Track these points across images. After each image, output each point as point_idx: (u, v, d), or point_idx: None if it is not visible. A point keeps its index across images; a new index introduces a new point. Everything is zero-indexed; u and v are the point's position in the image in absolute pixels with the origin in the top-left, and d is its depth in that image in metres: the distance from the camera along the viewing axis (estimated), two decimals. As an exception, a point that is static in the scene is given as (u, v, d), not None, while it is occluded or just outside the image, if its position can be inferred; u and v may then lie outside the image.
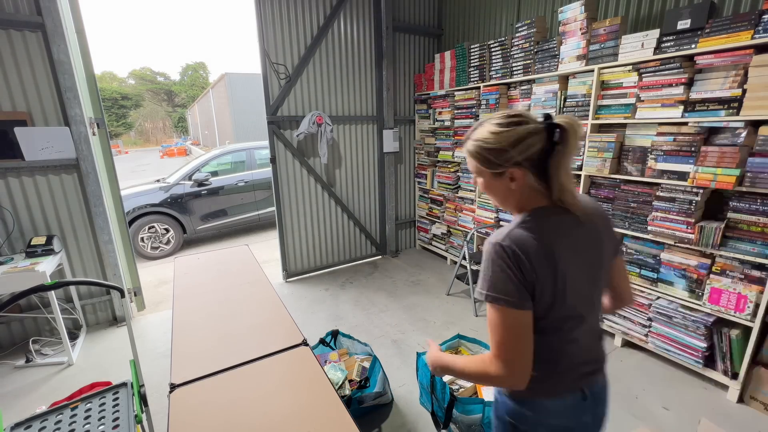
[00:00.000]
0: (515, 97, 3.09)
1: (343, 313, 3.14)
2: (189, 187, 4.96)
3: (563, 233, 0.82)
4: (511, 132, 0.80)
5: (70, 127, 2.61)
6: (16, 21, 2.38)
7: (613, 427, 1.90)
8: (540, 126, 0.80)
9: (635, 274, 2.42)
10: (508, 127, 0.81)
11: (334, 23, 3.55)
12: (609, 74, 2.39)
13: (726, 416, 1.97)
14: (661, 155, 2.17)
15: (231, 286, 1.91)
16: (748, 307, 1.93)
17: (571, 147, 0.80)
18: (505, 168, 0.83)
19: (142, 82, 50.48)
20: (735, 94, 1.88)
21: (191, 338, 1.46)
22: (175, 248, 4.93)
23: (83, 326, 2.91)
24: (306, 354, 1.34)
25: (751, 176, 1.85)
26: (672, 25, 2.05)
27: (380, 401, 2.05)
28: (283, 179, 3.59)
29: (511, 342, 0.78)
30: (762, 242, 1.88)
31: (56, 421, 1.30)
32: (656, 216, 2.23)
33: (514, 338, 0.78)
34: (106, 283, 1.51)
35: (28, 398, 2.19)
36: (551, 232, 0.81)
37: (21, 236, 2.64)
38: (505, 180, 0.85)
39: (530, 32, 2.83)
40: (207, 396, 1.15)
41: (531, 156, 0.81)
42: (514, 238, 0.78)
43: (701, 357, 2.13)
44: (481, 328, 2.85)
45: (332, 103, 3.73)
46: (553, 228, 0.82)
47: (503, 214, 3.32)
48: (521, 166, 0.82)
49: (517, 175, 0.82)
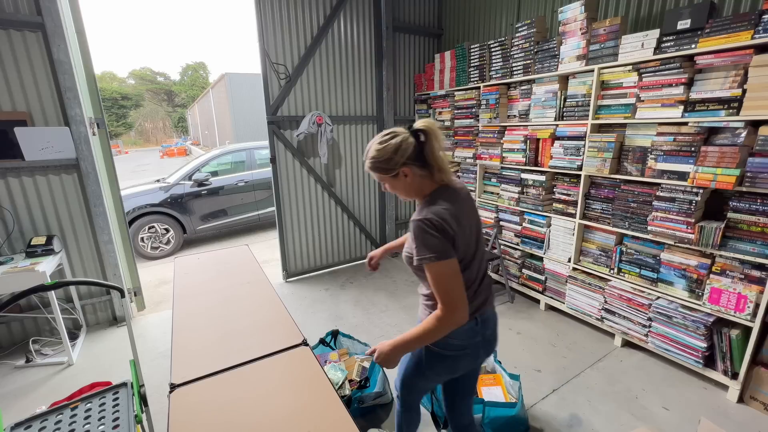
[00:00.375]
0: (515, 97, 3.10)
1: (343, 313, 3.14)
2: (189, 187, 4.96)
3: (458, 201, 1.14)
4: (388, 146, 1.11)
5: (70, 127, 2.61)
6: (16, 21, 2.38)
7: (613, 427, 1.91)
8: (407, 134, 1.12)
9: (635, 274, 2.43)
10: (386, 143, 1.12)
11: (334, 23, 3.55)
12: (609, 74, 2.39)
13: (726, 416, 1.97)
14: (661, 155, 2.17)
15: (231, 286, 1.91)
16: (748, 307, 1.93)
17: (435, 140, 1.12)
18: (396, 170, 1.13)
19: (142, 82, 50.48)
20: (735, 94, 1.88)
21: (191, 338, 1.46)
22: (175, 248, 4.93)
23: (83, 326, 2.91)
24: (306, 354, 1.34)
25: (751, 176, 1.85)
26: (672, 25, 2.05)
27: (380, 401, 2.05)
28: (283, 179, 3.59)
29: (451, 284, 1.05)
30: (762, 242, 1.88)
31: (56, 421, 1.30)
32: (656, 216, 2.23)
33: (454, 280, 1.06)
34: (106, 283, 1.51)
35: (28, 398, 2.19)
36: (451, 202, 1.11)
37: (21, 236, 2.64)
38: (401, 178, 1.15)
39: (530, 32, 2.83)
40: (207, 396, 1.15)
41: (410, 155, 1.11)
42: (433, 212, 1.07)
43: (701, 357, 2.13)
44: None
45: (332, 103, 3.73)
46: (451, 199, 1.13)
47: (503, 214, 3.33)
48: (406, 165, 1.12)
49: (407, 171, 1.13)
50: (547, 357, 2.49)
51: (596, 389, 2.18)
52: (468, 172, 3.68)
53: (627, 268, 2.47)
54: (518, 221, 3.19)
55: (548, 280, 3.04)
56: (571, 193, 2.74)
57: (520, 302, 3.25)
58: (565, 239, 2.84)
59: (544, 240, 2.98)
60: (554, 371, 2.34)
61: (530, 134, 2.92)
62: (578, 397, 2.13)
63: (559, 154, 2.75)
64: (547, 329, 2.82)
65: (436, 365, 1.22)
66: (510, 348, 2.59)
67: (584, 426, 1.92)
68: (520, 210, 3.15)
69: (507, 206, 3.27)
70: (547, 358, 2.47)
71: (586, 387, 2.20)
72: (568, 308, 2.89)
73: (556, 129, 2.76)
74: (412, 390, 1.35)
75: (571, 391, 2.17)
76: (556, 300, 3.01)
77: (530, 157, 2.97)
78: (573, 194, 2.73)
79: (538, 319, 2.97)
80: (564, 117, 2.71)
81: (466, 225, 1.12)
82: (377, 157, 1.13)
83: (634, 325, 2.44)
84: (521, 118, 3.08)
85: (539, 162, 2.94)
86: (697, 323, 2.12)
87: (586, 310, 2.75)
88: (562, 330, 2.81)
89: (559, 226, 2.87)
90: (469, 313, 1.11)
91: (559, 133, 2.74)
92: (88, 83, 2.79)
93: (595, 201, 2.60)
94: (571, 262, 2.80)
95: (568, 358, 2.48)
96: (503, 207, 3.32)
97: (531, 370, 2.36)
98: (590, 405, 2.06)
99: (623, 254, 2.48)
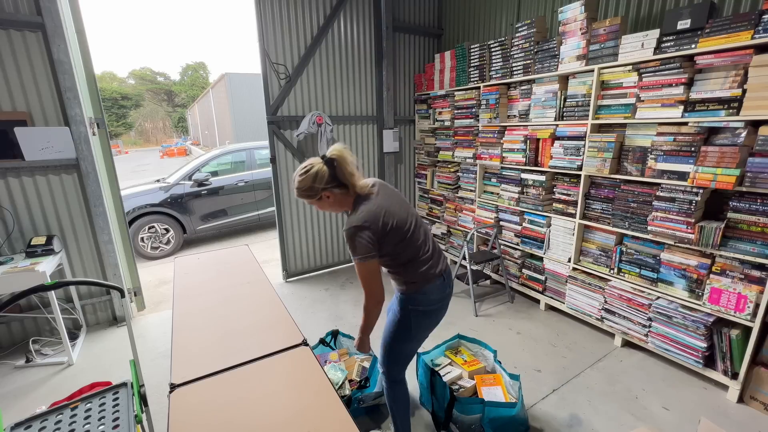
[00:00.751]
0: (515, 97, 3.10)
1: (343, 313, 3.14)
2: (189, 187, 4.96)
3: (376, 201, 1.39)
4: (307, 176, 1.36)
5: (70, 127, 2.61)
6: (16, 21, 2.38)
7: (613, 427, 1.91)
8: (321, 164, 1.37)
9: (635, 274, 2.43)
10: (305, 174, 1.37)
11: (334, 23, 3.55)
12: (609, 74, 2.39)
13: (726, 416, 1.97)
14: (661, 155, 2.17)
15: (231, 286, 1.91)
16: (748, 307, 1.93)
17: (345, 164, 1.37)
18: (319, 194, 1.38)
19: (142, 82, 50.45)
20: (735, 94, 1.88)
21: (191, 338, 1.46)
22: (175, 248, 4.93)
23: (83, 326, 2.91)
24: (306, 354, 1.34)
25: (751, 176, 1.85)
26: (672, 25, 2.05)
27: (380, 401, 2.05)
28: (283, 179, 3.59)
29: (369, 279, 1.38)
30: (762, 242, 1.88)
31: (56, 421, 1.30)
32: (656, 216, 2.23)
33: (372, 276, 1.38)
34: (106, 283, 1.51)
35: (28, 398, 2.19)
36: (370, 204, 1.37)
37: (21, 236, 2.64)
38: (324, 199, 1.41)
39: (530, 32, 2.83)
40: (207, 396, 1.15)
41: (327, 180, 1.36)
42: (356, 219, 1.33)
43: (701, 357, 2.13)
44: (481, 328, 2.85)
45: (332, 103, 3.73)
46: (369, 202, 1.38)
47: (503, 214, 3.33)
48: (326, 189, 1.38)
49: (327, 193, 1.39)
50: (547, 357, 2.49)
51: (596, 389, 2.18)
52: (468, 172, 3.68)
53: (627, 268, 2.47)
54: (518, 221, 3.19)
55: (548, 280, 3.04)
56: (571, 193, 2.74)
57: (520, 302, 3.25)
58: (565, 239, 2.84)
59: (544, 240, 2.98)
60: (554, 371, 2.34)
61: (530, 134, 2.92)
62: (578, 397, 2.13)
63: (559, 154, 2.75)
64: (547, 329, 2.82)
65: (422, 323, 1.52)
66: (510, 348, 2.60)
67: (584, 426, 1.92)
68: (520, 210, 3.15)
69: (507, 206, 3.27)
70: (547, 358, 2.47)
71: (586, 387, 2.20)
72: (568, 308, 2.89)
73: (556, 129, 2.76)
74: (399, 359, 1.57)
75: (571, 391, 2.17)
76: (556, 300, 3.01)
77: (530, 157, 2.97)
78: (573, 194, 2.73)
79: (538, 319, 2.97)
80: (564, 117, 2.71)
81: (395, 211, 1.40)
82: (301, 187, 1.38)
83: (634, 325, 2.44)
84: (521, 118, 3.08)
85: (539, 162, 2.94)
86: (697, 323, 2.12)
87: (586, 310, 2.75)
88: (562, 330, 2.81)
89: (559, 226, 2.87)
90: (436, 272, 1.47)
91: (559, 133, 2.74)
92: (88, 83, 2.79)
93: (595, 201, 2.60)
94: (571, 262, 2.80)
95: (568, 358, 2.48)
96: (503, 207, 3.32)
97: (531, 370, 2.36)
98: (590, 405, 2.06)
99: (623, 254, 2.48)
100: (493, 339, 2.69)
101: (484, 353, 2.18)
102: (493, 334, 2.78)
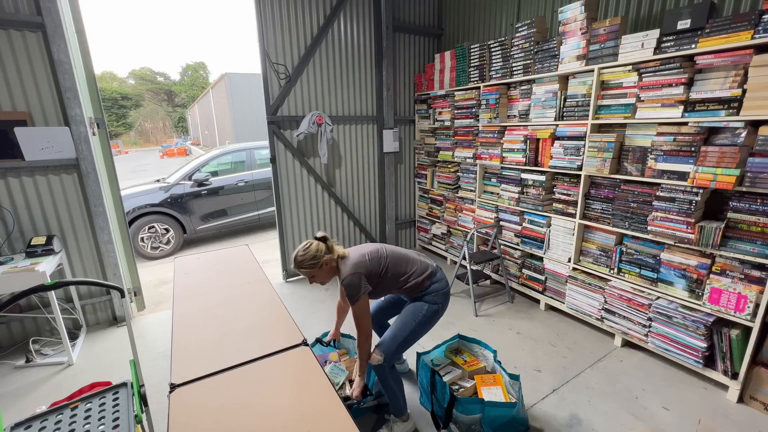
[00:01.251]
0: (515, 97, 3.10)
1: (343, 313, 3.13)
2: (189, 187, 4.96)
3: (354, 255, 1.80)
4: (310, 250, 1.74)
5: (70, 127, 2.60)
6: (16, 21, 2.38)
7: (613, 427, 1.91)
8: (318, 240, 1.78)
9: (635, 274, 2.43)
10: (307, 250, 1.74)
11: (334, 23, 3.55)
12: (609, 74, 2.39)
13: (726, 416, 1.97)
14: (661, 155, 2.17)
15: (231, 286, 1.91)
16: (748, 307, 1.93)
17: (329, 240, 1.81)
18: (321, 261, 1.73)
19: (142, 82, 50.42)
20: (735, 94, 1.88)
21: (191, 338, 1.46)
22: (175, 248, 4.93)
23: (83, 326, 2.91)
24: (306, 354, 1.34)
25: (751, 176, 1.85)
26: (672, 25, 2.05)
27: (380, 401, 2.05)
28: (283, 179, 3.59)
29: (365, 315, 1.75)
30: (762, 242, 1.88)
31: (56, 421, 1.30)
32: (656, 216, 2.23)
33: (367, 312, 1.76)
34: (106, 283, 1.51)
35: (28, 398, 2.19)
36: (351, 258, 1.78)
37: (21, 236, 2.64)
38: (324, 267, 1.75)
39: (530, 32, 2.83)
40: (207, 396, 1.15)
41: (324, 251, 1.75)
42: (347, 272, 1.72)
43: (701, 357, 2.13)
44: (481, 328, 2.85)
45: (332, 103, 3.73)
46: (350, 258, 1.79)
47: (503, 214, 3.33)
48: (324, 257, 1.74)
49: (326, 261, 1.75)
50: (547, 357, 2.49)
51: (596, 389, 2.18)
52: (468, 172, 3.68)
53: (627, 268, 2.47)
54: (518, 221, 3.19)
55: (548, 280, 3.04)
56: (571, 193, 2.74)
57: (520, 302, 3.25)
58: (565, 239, 2.84)
59: (544, 240, 2.98)
60: (554, 371, 2.34)
61: (530, 134, 2.92)
62: (578, 397, 2.13)
63: (559, 154, 2.75)
64: (547, 329, 2.82)
65: (435, 317, 1.87)
66: (510, 348, 2.60)
67: (584, 426, 1.92)
68: (520, 210, 3.15)
69: (507, 206, 3.27)
70: (547, 358, 2.47)
71: (586, 387, 2.20)
72: (568, 308, 2.89)
73: (556, 129, 2.76)
74: (407, 347, 1.86)
75: (571, 391, 2.17)
76: (556, 300, 3.01)
77: (530, 157, 2.97)
78: (573, 194, 2.73)
79: (538, 319, 2.97)
80: (564, 117, 2.71)
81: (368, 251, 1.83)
82: (305, 259, 1.72)
83: (634, 325, 2.44)
84: (521, 118, 3.08)
85: (539, 162, 2.94)
86: (697, 323, 2.12)
87: (586, 310, 2.75)
88: (562, 330, 2.81)
89: (559, 226, 2.87)
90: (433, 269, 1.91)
91: (559, 133, 2.74)
92: (88, 83, 2.79)
93: (595, 201, 2.60)
94: (571, 262, 2.80)
95: (568, 358, 2.48)
96: (503, 207, 3.32)
97: (531, 370, 2.36)
98: (590, 405, 2.06)
99: (623, 254, 2.48)
100: (493, 339, 2.69)
101: (484, 353, 2.18)
102: (493, 334, 2.78)
